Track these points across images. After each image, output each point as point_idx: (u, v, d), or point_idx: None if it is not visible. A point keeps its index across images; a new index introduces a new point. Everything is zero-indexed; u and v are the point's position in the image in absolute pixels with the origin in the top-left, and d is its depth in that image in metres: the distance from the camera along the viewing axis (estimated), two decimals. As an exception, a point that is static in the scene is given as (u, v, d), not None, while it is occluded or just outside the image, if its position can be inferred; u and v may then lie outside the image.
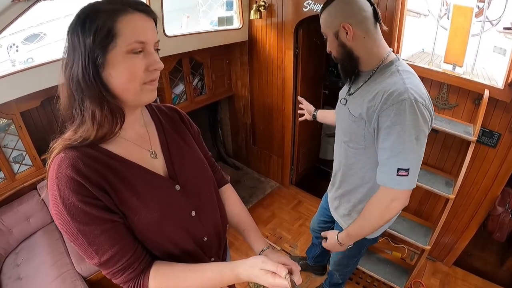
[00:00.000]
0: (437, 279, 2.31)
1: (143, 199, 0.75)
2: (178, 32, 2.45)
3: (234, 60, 2.94)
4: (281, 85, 2.71)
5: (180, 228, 0.82)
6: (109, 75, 0.67)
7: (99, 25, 0.63)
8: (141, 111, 0.86)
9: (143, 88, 0.70)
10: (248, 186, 3.20)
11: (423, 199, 2.36)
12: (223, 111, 3.34)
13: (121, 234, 0.72)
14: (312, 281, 2.31)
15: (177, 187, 0.83)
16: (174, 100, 2.64)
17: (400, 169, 1.05)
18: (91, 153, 0.71)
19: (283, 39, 2.54)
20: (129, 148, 0.78)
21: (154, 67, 0.70)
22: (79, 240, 0.68)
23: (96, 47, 0.63)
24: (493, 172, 1.96)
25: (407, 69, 1.13)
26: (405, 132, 1.02)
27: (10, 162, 1.91)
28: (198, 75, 2.81)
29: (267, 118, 2.95)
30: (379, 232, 1.48)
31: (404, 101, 1.01)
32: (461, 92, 1.94)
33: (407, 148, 1.03)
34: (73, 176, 0.66)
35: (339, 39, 1.13)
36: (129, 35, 0.65)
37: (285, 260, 0.83)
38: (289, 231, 2.72)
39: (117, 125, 0.71)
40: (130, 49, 0.65)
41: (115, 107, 0.70)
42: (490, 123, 1.89)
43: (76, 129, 0.70)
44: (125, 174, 0.74)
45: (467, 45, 2.05)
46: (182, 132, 0.93)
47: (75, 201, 0.65)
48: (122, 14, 0.65)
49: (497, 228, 2.00)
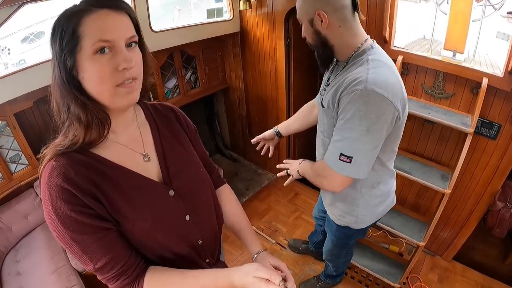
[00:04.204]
0: (436, 274, 2.26)
1: (136, 207, 0.74)
2: (170, 25, 2.41)
3: (227, 52, 2.88)
4: (274, 76, 2.64)
5: (174, 234, 0.82)
6: (83, 79, 0.65)
7: (63, 29, 0.62)
8: (135, 111, 0.84)
9: (117, 91, 0.67)
10: (245, 179, 3.20)
11: (421, 193, 2.28)
12: (219, 104, 3.31)
13: (115, 241, 0.72)
14: (312, 267, 2.32)
15: (171, 192, 0.82)
16: (167, 94, 2.63)
17: (342, 154, 1.06)
18: (82, 159, 0.70)
19: (273, 29, 2.46)
20: (121, 152, 0.77)
21: (123, 67, 0.65)
22: (73, 248, 0.68)
23: (63, 52, 0.62)
24: (493, 165, 1.86)
25: (379, 58, 1.09)
26: (355, 121, 1.01)
27: (7, 162, 1.98)
28: (191, 68, 2.78)
29: (261, 110, 2.91)
30: (365, 224, 1.47)
31: (359, 91, 0.99)
32: (458, 80, 1.82)
33: (354, 136, 1.03)
34: (64, 186, 0.65)
35: (313, 27, 1.10)
36: (93, 34, 0.62)
37: (280, 265, 0.85)
38: (284, 224, 2.71)
39: (104, 129, 0.71)
40: (95, 49, 0.63)
41: (97, 111, 0.68)
42: (489, 113, 1.78)
43: (66, 133, 0.70)
44: (117, 181, 0.73)
45: (468, 31, 1.91)
46: (177, 133, 0.91)
47: (67, 210, 0.65)
48: (86, 14, 0.62)
49: (497, 224, 1.92)
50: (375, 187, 1.33)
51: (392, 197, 1.48)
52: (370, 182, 1.30)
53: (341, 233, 1.57)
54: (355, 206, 1.37)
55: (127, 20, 0.68)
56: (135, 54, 0.69)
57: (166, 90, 2.63)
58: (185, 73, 2.72)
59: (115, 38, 0.64)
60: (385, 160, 1.26)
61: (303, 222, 2.70)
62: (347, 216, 1.43)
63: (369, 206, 1.39)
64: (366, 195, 1.33)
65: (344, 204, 1.40)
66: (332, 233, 1.63)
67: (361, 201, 1.35)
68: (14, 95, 1.80)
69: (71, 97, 0.66)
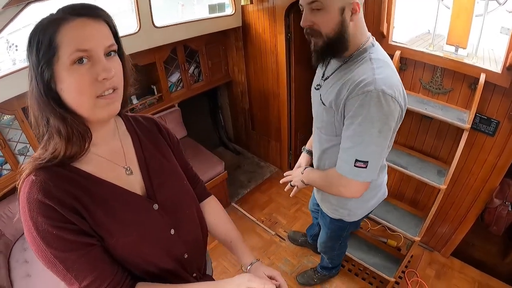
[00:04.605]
0: (433, 270, 2.26)
1: (119, 222, 0.72)
2: (173, 21, 2.45)
3: (230, 46, 2.90)
4: (275, 70, 2.65)
5: (159, 248, 0.79)
6: (61, 90, 0.63)
7: (40, 39, 0.60)
8: (116, 123, 0.81)
9: (96, 102, 0.64)
10: (247, 171, 3.25)
11: (419, 187, 2.28)
12: (223, 97, 3.35)
13: (100, 257, 0.69)
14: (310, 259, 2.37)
15: (155, 206, 0.79)
16: (171, 88, 2.69)
17: (358, 160, 1.04)
18: (62, 173, 0.67)
19: (274, 24, 2.46)
20: (103, 165, 0.74)
21: (102, 76, 0.62)
22: (57, 267, 0.65)
23: (40, 63, 0.60)
24: (491, 162, 1.85)
25: (381, 57, 1.08)
26: (367, 124, 0.99)
27: (15, 154, 2.08)
28: (194, 62, 2.82)
29: (263, 104, 2.93)
30: (358, 216, 1.50)
31: (370, 93, 0.97)
32: (456, 76, 1.81)
33: (367, 140, 1.02)
34: (44, 201, 0.62)
35: (343, 16, 1.01)
36: (70, 44, 0.60)
37: (275, 275, 0.83)
38: (285, 216, 2.75)
39: (85, 142, 0.68)
40: (73, 60, 0.60)
41: (77, 124, 0.66)
42: (487, 109, 1.76)
43: (46, 146, 0.67)
44: (100, 196, 0.71)
45: (470, 26, 1.89)
46: (160, 145, 0.89)
47: (49, 227, 0.62)
48: (63, 23, 0.60)
49: (494, 221, 1.91)
50: None
51: (383, 189, 1.50)
52: None
53: (334, 226, 1.60)
54: (347, 200, 1.40)
55: (106, 29, 0.66)
56: (114, 64, 0.66)
57: (170, 84, 2.68)
58: (189, 67, 2.76)
59: (93, 47, 0.62)
60: None
61: (303, 215, 2.74)
62: (340, 209, 1.46)
63: (361, 200, 1.38)
64: None
65: (336, 198, 1.43)
66: (326, 226, 1.67)
67: None
68: (21, 91, 1.86)
69: (49, 110, 0.63)
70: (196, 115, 3.27)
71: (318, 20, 1.04)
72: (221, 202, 3.05)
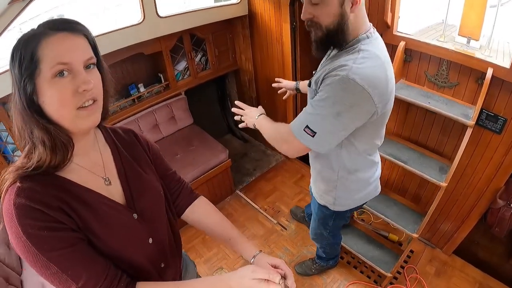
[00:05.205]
0: (433, 267, 2.22)
1: (106, 226, 0.74)
2: (178, 10, 2.45)
3: (237, 34, 2.88)
4: (281, 59, 2.62)
5: (141, 255, 0.82)
6: (43, 103, 0.66)
7: (22, 54, 0.62)
8: (95, 135, 0.84)
9: (78, 114, 0.67)
10: (253, 159, 3.28)
11: (423, 183, 2.21)
12: (230, 85, 3.35)
13: (91, 252, 0.71)
14: (310, 249, 2.41)
15: (134, 215, 0.82)
16: (177, 76, 2.73)
17: (308, 127, 1.09)
18: (48, 180, 0.69)
19: (280, 13, 2.41)
20: (84, 174, 0.76)
21: (82, 88, 0.65)
22: (51, 269, 0.66)
23: (23, 76, 0.63)
24: (497, 161, 1.77)
25: (371, 49, 1.08)
26: (329, 102, 1.04)
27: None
28: (201, 50, 2.83)
29: (270, 92, 2.90)
30: (343, 207, 1.53)
31: (341, 77, 1.00)
32: (462, 69, 1.72)
33: (323, 115, 1.06)
34: (32, 205, 0.64)
35: (342, 8, 1.03)
36: (51, 58, 0.62)
37: (279, 263, 0.84)
38: (288, 205, 2.78)
39: (68, 152, 0.70)
40: (54, 73, 0.63)
41: (60, 134, 0.68)
42: (495, 106, 1.67)
43: (29, 155, 0.69)
44: (85, 200, 0.73)
45: (483, 18, 1.77)
46: (139, 156, 0.91)
47: (39, 228, 0.63)
48: (43, 37, 0.63)
49: (496, 222, 1.83)
50: (352, 173, 1.37)
51: (374, 185, 1.50)
52: (347, 168, 1.34)
53: (321, 212, 1.64)
54: (333, 188, 1.44)
55: (85, 42, 0.69)
56: (93, 76, 0.69)
57: (176, 72, 2.71)
58: (195, 56, 2.78)
59: (73, 61, 0.65)
60: (362, 149, 1.29)
61: (306, 204, 2.75)
62: (326, 196, 1.51)
63: (347, 190, 1.43)
64: (343, 179, 1.38)
65: (323, 184, 1.47)
66: (315, 211, 1.72)
67: (338, 183, 1.40)
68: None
69: (33, 122, 0.66)
70: (205, 102, 3.30)
71: (318, 13, 1.06)
72: (225, 189, 3.11)
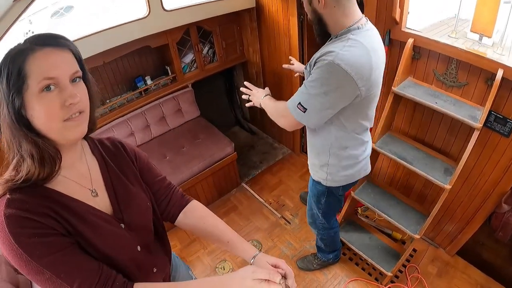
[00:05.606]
0: (435, 267, 2.21)
1: (94, 231, 0.75)
2: (184, 3, 2.44)
3: (245, 26, 2.84)
4: (288, 52, 2.57)
5: (130, 260, 0.84)
6: (31, 117, 0.67)
7: (9, 69, 0.64)
8: (82, 147, 0.85)
9: (65, 125, 0.69)
10: (260, 152, 3.29)
11: (428, 182, 2.14)
12: (238, 77, 3.33)
13: (83, 255, 0.72)
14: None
15: (122, 226, 0.84)
16: (184, 69, 2.73)
17: (300, 104, 1.26)
18: (37, 191, 0.70)
19: (287, 6, 2.36)
20: (71, 186, 0.78)
21: (69, 102, 0.67)
22: (45, 275, 0.66)
23: (11, 91, 0.64)
24: (504, 164, 1.71)
25: (360, 39, 1.19)
26: (318, 83, 1.20)
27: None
28: (208, 43, 2.81)
29: (277, 85, 2.88)
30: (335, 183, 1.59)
31: (327, 62, 1.15)
32: (472, 69, 1.65)
33: (313, 94, 1.22)
34: (22, 215, 0.65)
35: (312, 5, 1.22)
36: (38, 73, 0.64)
37: (279, 263, 0.83)
38: (292, 199, 2.79)
39: (56, 164, 0.71)
40: (41, 87, 0.64)
41: (48, 146, 0.69)
42: (504, 108, 1.61)
43: (17, 168, 0.70)
44: (74, 209, 0.74)
45: (497, 14, 1.68)
46: (126, 168, 0.92)
47: (29, 235, 0.65)
48: (30, 53, 0.64)
49: (500, 227, 1.79)
50: (343, 149, 1.47)
51: (363, 164, 1.58)
52: (337, 145, 1.46)
53: (315, 188, 1.71)
54: (325, 163, 1.54)
55: (70, 57, 0.70)
56: (79, 89, 0.71)
57: (183, 65, 2.72)
58: (202, 48, 2.77)
59: (59, 75, 0.66)
60: (350, 128, 1.41)
61: (311, 199, 2.76)
62: (319, 171, 1.59)
63: (338, 165, 1.53)
64: (334, 155, 1.49)
65: (317, 159, 1.57)
66: (310, 189, 1.79)
67: (330, 159, 1.51)
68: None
69: (21, 135, 0.67)
70: (213, 94, 3.31)
71: (304, 9, 1.29)
72: (230, 182, 3.14)
